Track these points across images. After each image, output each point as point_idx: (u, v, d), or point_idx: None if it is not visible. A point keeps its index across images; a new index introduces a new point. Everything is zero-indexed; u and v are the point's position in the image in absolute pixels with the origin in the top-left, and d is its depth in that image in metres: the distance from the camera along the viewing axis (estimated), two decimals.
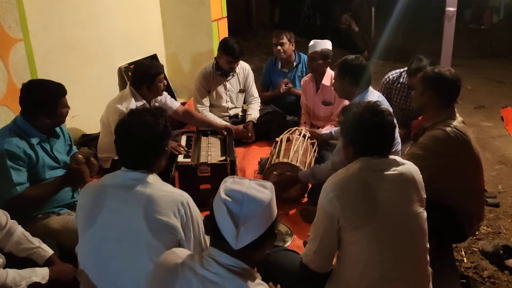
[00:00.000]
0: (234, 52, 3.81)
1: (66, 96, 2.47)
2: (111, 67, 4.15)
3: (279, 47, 4.28)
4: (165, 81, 3.32)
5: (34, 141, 2.35)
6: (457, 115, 2.47)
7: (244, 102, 4.31)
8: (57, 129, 2.54)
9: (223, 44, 3.87)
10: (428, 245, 1.84)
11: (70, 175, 2.42)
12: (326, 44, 3.74)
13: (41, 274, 1.93)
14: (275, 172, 3.05)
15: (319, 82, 3.82)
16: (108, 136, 3.18)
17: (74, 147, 2.74)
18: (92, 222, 1.74)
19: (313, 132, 3.53)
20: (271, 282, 1.75)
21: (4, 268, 1.87)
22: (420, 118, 2.65)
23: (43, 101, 2.33)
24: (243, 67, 4.17)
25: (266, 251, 1.40)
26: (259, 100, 4.26)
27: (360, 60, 2.92)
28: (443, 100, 2.45)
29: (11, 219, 2.07)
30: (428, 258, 1.85)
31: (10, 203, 2.22)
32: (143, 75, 3.19)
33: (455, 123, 2.40)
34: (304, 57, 4.37)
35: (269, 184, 1.40)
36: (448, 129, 2.37)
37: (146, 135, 1.79)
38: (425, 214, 1.83)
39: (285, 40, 4.27)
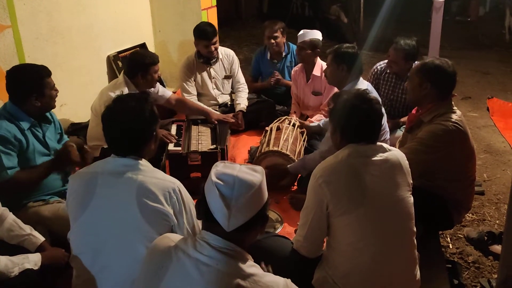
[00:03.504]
0: (206, 34, 3.84)
1: (55, 83, 2.47)
2: (99, 56, 4.12)
3: (272, 40, 4.26)
4: (159, 73, 3.32)
5: (25, 125, 2.35)
6: (455, 108, 2.45)
7: (232, 89, 4.31)
8: (48, 115, 2.53)
9: (195, 29, 3.92)
10: (414, 229, 1.88)
11: (58, 157, 2.41)
12: (316, 34, 3.75)
13: (34, 260, 1.94)
14: (266, 165, 3.05)
15: (309, 72, 3.84)
16: (99, 124, 3.16)
17: (65, 136, 2.73)
18: (84, 209, 1.75)
19: (302, 123, 3.55)
20: (263, 263, 1.78)
21: None
22: (414, 110, 2.61)
23: (30, 83, 2.34)
24: (227, 53, 4.17)
25: (258, 234, 1.43)
26: (246, 87, 4.26)
27: (356, 48, 2.94)
28: (442, 93, 2.42)
29: (2, 206, 2.06)
30: (415, 241, 1.89)
31: (1, 187, 2.21)
32: (137, 64, 3.18)
33: (455, 117, 2.39)
34: (293, 47, 4.36)
35: (259, 168, 1.42)
36: (449, 123, 2.35)
37: (133, 122, 1.79)
38: (411, 199, 1.87)
39: (278, 33, 4.25)
